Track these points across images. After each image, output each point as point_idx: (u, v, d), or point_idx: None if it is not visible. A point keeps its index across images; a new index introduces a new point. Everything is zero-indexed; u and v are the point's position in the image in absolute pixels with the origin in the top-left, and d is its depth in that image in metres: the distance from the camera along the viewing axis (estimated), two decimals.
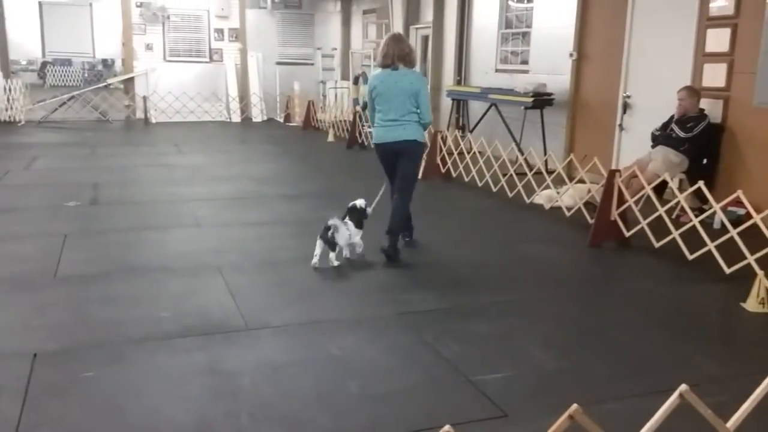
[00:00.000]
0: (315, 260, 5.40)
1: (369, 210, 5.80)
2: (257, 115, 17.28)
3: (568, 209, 7.01)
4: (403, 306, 4.60)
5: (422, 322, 4.31)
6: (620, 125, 8.83)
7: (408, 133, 5.65)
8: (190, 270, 5.31)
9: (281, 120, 17.21)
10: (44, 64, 15.82)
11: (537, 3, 10.62)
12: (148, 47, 16.63)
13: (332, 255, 5.40)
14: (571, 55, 9.68)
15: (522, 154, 9.10)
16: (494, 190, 8.22)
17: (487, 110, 10.91)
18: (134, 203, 7.69)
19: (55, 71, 15.90)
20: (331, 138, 13.40)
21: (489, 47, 11.85)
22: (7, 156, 10.75)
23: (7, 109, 15.32)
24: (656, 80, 8.25)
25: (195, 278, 5.12)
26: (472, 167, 8.75)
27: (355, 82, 15.94)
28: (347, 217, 5.62)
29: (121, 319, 4.30)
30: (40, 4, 15.73)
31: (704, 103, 7.23)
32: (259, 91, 17.27)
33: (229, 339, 4.03)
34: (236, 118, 17.09)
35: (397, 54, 5.55)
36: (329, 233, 5.35)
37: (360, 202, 5.76)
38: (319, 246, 5.38)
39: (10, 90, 15.29)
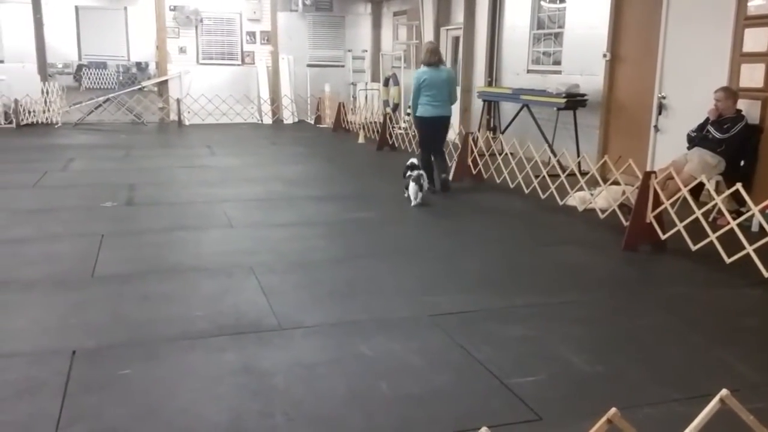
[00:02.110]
0: (417, 200, 7.67)
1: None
2: (288, 117, 17.40)
3: (602, 211, 6.93)
4: (434, 307, 4.59)
5: (453, 324, 4.30)
6: (655, 126, 8.71)
7: (447, 110, 8.34)
8: (223, 270, 5.37)
9: (312, 122, 17.30)
10: (80, 67, 16.14)
11: (569, 3, 10.52)
12: (182, 50, 16.86)
13: (420, 195, 7.65)
14: (604, 55, 9.57)
15: (555, 155, 9.02)
16: (526, 191, 8.16)
17: (519, 111, 10.84)
18: (169, 204, 7.80)
19: (91, 74, 16.20)
20: (361, 140, 13.44)
21: (521, 48, 11.77)
22: (44, 157, 10.98)
23: (44, 111, 15.66)
24: (692, 81, 8.12)
25: (228, 278, 5.17)
26: (503, 169, 8.69)
27: (386, 83, 15.96)
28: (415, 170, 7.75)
29: (157, 317, 4.36)
30: (76, 8, 16.06)
31: (741, 104, 7.09)
32: (290, 93, 17.39)
33: (262, 338, 4.07)
34: (267, 119, 17.23)
35: (438, 56, 8.28)
36: (420, 180, 7.67)
37: (415, 161, 8.05)
38: (413, 190, 7.64)
39: (47, 92, 15.62)
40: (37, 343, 3.95)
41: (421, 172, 7.76)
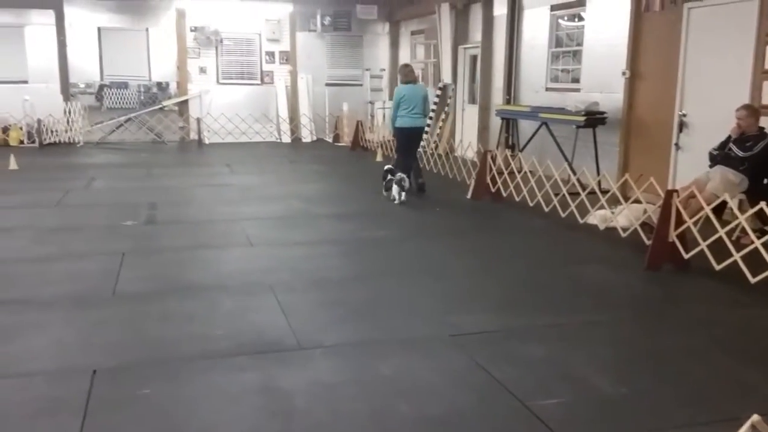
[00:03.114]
0: (402, 199, 8.86)
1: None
2: (306, 136, 17.50)
3: (624, 230, 6.86)
4: (454, 327, 4.56)
5: (474, 344, 4.26)
6: (676, 144, 8.64)
7: (422, 121, 9.63)
8: (243, 288, 5.38)
9: (330, 140, 17.39)
10: (101, 87, 16.37)
11: (588, 21, 10.51)
12: (202, 70, 17.05)
13: (404, 194, 8.86)
14: (624, 73, 9.54)
15: (575, 173, 8.96)
16: (546, 210, 8.11)
17: (538, 129, 10.81)
18: (189, 222, 7.85)
19: (112, 94, 16.43)
20: (379, 158, 13.46)
21: (539, 66, 11.77)
22: (67, 176, 11.12)
23: (66, 131, 15.88)
24: (713, 98, 8.05)
25: (248, 297, 5.18)
26: (522, 187, 8.66)
27: None
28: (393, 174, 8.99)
29: (178, 336, 4.37)
30: (99, 29, 16.33)
31: (764, 122, 7.01)
32: (309, 112, 17.50)
33: (282, 358, 4.06)
34: (286, 138, 17.34)
35: (413, 75, 9.68)
36: (402, 182, 8.80)
37: (391, 167, 9.28)
38: (397, 190, 8.83)
39: (69, 112, 15.86)
40: (59, 362, 3.97)
41: (402, 175, 8.93)
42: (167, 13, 16.50)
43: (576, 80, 10.88)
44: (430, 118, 14.05)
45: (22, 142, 15.58)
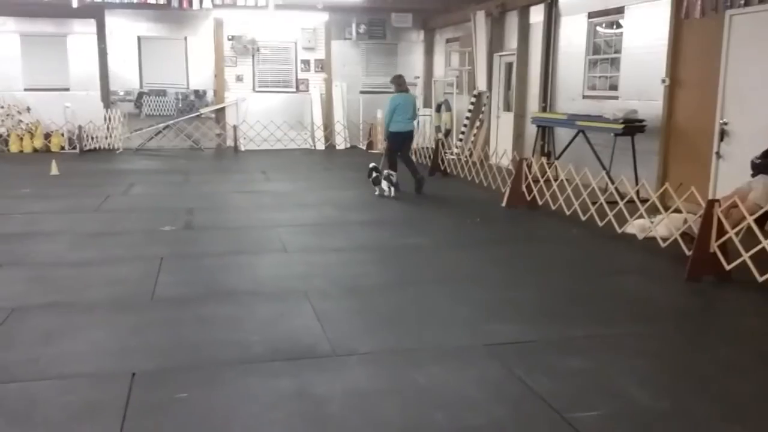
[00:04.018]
0: (391, 194, 9.90)
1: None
2: (340, 143, 17.58)
3: (663, 240, 6.73)
4: (490, 337, 4.52)
5: (510, 354, 4.21)
6: (717, 153, 8.46)
7: (413, 125, 10.77)
8: (278, 294, 5.41)
9: (364, 147, 17.44)
10: (140, 95, 16.68)
11: (626, 28, 10.38)
12: (239, 78, 17.27)
13: (393, 189, 9.88)
14: (663, 80, 9.39)
15: (612, 182, 8.83)
16: (583, 219, 8.00)
17: (575, 137, 10.69)
18: (225, 228, 7.94)
19: (151, 101, 16.73)
20: None
21: (576, 73, 11.65)
22: (106, 182, 11.35)
23: (106, 137, 16.22)
24: (755, 106, 7.87)
25: (283, 303, 5.21)
26: (559, 195, 8.56)
27: (438, 109, 15.99)
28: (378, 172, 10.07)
29: (214, 341, 4.41)
30: (138, 38, 16.65)
31: None
32: (343, 120, 17.59)
33: (317, 364, 4.06)
34: (320, 145, 17.45)
35: (405, 85, 10.85)
36: (390, 177, 9.94)
37: (374, 165, 10.33)
38: (386, 185, 9.89)
39: (109, 119, 16.19)
40: (98, 365, 4.03)
41: (391, 171, 10.07)
42: (205, 22, 16.76)
43: (614, 88, 10.74)
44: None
45: (63, 148, 15.95)
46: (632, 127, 9.52)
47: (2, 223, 8.07)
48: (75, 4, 12.67)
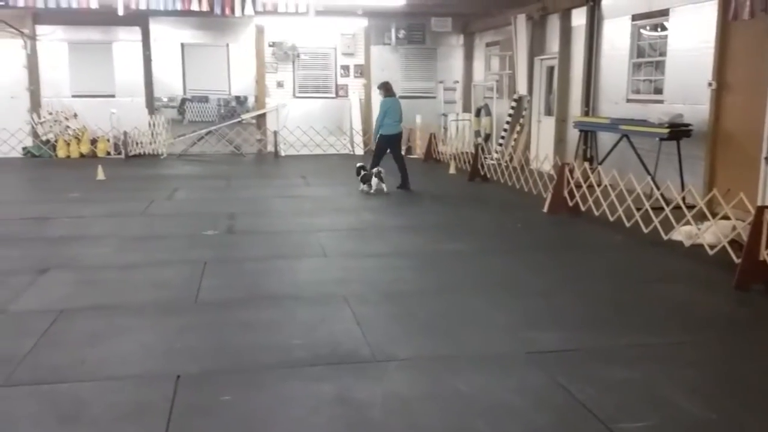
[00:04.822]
0: (382, 188, 10.70)
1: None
2: None
3: (711, 247, 6.57)
4: (532, 344, 4.46)
5: (553, 362, 4.15)
6: (766, 158, 8.22)
7: (400, 128, 11.38)
8: (318, 299, 5.44)
9: (403, 152, 17.42)
10: (183, 101, 16.98)
11: (672, 30, 10.18)
12: (279, 84, 17.45)
13: (384, 186, 10.71)
14: (710, 84, 9.17)
15: (658, 187, 8.65)
16: (627, 225, 7.85)
17: (618, 142, 10.51)
18: (266, 233, 8.01)
19: (193, 107, 17.01)
20: (452, 170, 13.40)
21: (619, 77, 11.46)
22: (151, 187, 11.57)
23: (150, 143, 16.54)
24: None
25: (323, 307, 5.23)
26: (602, 201, 8.42)
27: (477, 114, 15.91)
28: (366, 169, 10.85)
29: (257, 344, 4.46)
30: (182, 45, 16.96)
31: None
32: None
33: (357, 369, 4.07)
34: (359, 150, 17.50)
35: (393, 90, 11.42)
36: (380, 174, 10.72)
37: (362, 164, 11.14)
38: (376, 182, 10.66)
39: (153, 125, 16.52)
40: (144, 367, 4.11)
41: (380, 168, 10.84)
42: (247, 29, 16.98)
43: (658, 91, 10.54)
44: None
45: (108, 153, 16.32)
46: (678, 131, 9.31)
47: (51, 226, 8.30)
48: (121, 12, 12.97)
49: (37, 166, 14.81)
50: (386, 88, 11.39)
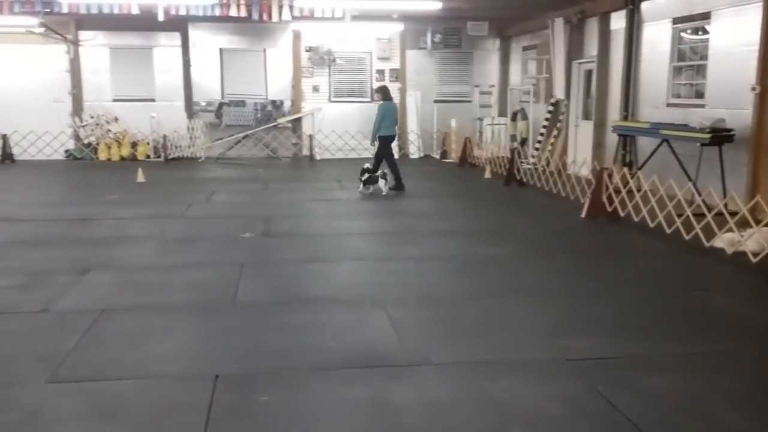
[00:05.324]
0: (386, 190, 11.02)
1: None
2: (414, 152, 17.61)
3: (755, 255, 6.41)
4: (570, 351, 4.41)
5: (592, 370, 4.09)
6: None
7: (395, 130, 11.97)
8: (354, 302, 5.45)
9: (437, 156, 17.42)
10: (221, 105, 17.20)
11: (713, 34, 9.98)
12: (315, 89, 17.57)
13: (387, 186, 11.07)
14: (753, 88, 8.96)
15: (699, 193, 8.48)
16: (668, 231, 7.71)
17: (658, 147, 10.34)
18: (302, 236, 8.07)
19: (231, 112, 17.21)
20: (488, 174, 13.33)
21: (659, 81, 11.27)
22: (190, 189, 11.74)
23: (189, 146, 16.80)
24: None
25: (359, 310, 5.24)
26: (642, 207, 8.28)
27: (513, 118, 15.80)
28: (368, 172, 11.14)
29: (293, 346, 4.49)
30: (221, 50, 17.20)
31: None
32: (417, 129, 17.62)
33: (392, 373, 4.07)
34: (394, 154, 17.51)
35: (390, 95, 11.96)
36: (386, 176, 11.09)
37: (368, 166, 11.29)
38: (382, 183, 10.98)
39: (192, 129, 16.77)
40: (183, 367, 4.16)
41: (386, 170, 11.27)
42: (284, 34, 17.15)
43: (700, 96, 10.34)
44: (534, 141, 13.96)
45: (148, 156, 16.62)
46: (720, 136, 9.12)
47: (93, 227, 8.48)
48: (161, 17, 13.19)
49: (78, 169, 15.16)
50: (384, 93, 11.87)
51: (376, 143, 11.77)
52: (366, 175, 11.15)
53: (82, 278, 6.06)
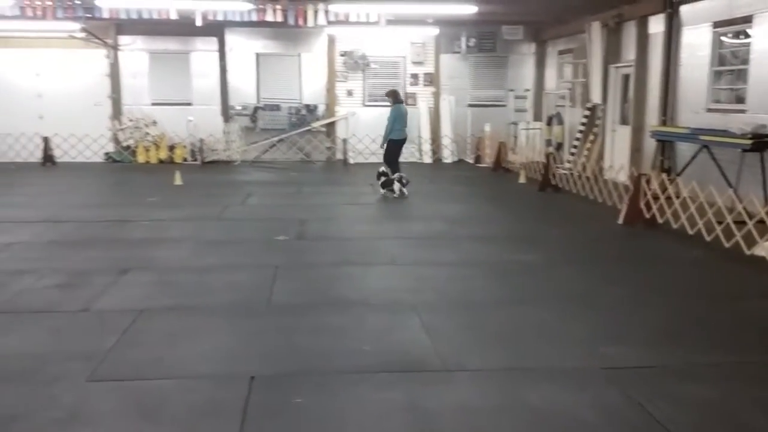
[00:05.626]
0: (405, 194, 11.12)
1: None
2: (447, 156, 17.56)
3: None
4: (606, 359, 4.35)
5: (629, 379, 4.03)
6: None
7: (406, 133, 12.05)
8: (387, 306, 5.46)
9: (471, 161, 17.34)
10: (256, 109, 17.37)
11: (755, 38, 9.77)
12: (349, 93, 17.65)
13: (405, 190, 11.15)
14: None
15: (740, 200, 8.30)
16: (708, 239, 7.56)
17: (698, 152, 10.15)
18: (336, 239, 8.11)
19: (266, 116, 17.38)
20: (522, 179, 13.22)
21: (699, 85, 11.07)
22: (225, 192, 11.89)
23: (225, 150, 17.01)
24: None
25: (392, 315, 5.25)
26: (681, 213, 8.13)
27: (549, 122, 15.66)
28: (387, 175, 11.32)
29: (328, 349, 4.51)
30: (257, 55, 17.40)
31: None
32: (450, 133, 17.58)
33: (426, 378, 4.06)
34: (427, 159, 17.50)
35: (400, 98, 12.28)
36: (402, 179, 11.15)
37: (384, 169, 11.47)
38: (398, 187, 11.09)
39: (228, 132, 16.97)
40: (220, 367, 4.22)
41: (402, 174, 11.35)
42: (319, 39, 17.27)
43: (741, 101, 10.12)
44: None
45: (185, 159, 16.86)
46: (761, 142, 8.90)
47: (132, 229, 8.63)
48: (199, 22, 13.41)
49: (117, 171, 15.46)
50: (394, 96, 12.09)
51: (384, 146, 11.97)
52: (383, 179, 11.34)
53: (121, 279, 6.18)
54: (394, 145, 11.85)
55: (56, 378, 4.02)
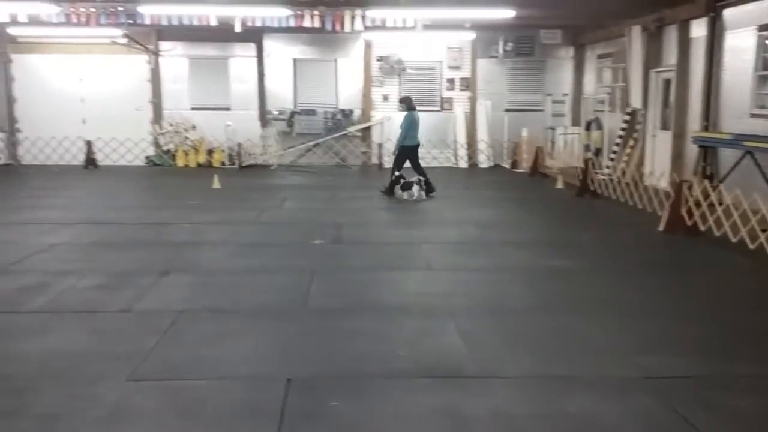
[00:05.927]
0: (422, 197, 11.46)
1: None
2: (483, 161, 17.47)
3: None
4: (646, 369, 4.27)
5: (670, 389, 3.96)
6: None
7: (419, 140, 12.11)
8: (423, 311, 5.45)
9: (508, 166, 17.22)
10: (292, 114, 17.53)
11: None
12: (385, 98, 17.69)
13: (422, 193, 11.47)
14: None
15: None
16: (751, 247, 7.38)
17: (741, 158, 9.92)
18: (372, 243, 8.13)
19: (302, 120, 17.52)
20: (560, 185, 13.08)
21: (742, 90, 10.82)
22: (262, 196, 12.02)
23: (262, 154, 17.19)
24: None
25: (428, 320, 5.24)
26: (724, 221, 7.96)
27: (587, 127, 15.47)
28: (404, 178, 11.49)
29: (363, 353, 4.52)
30: (294, 60, 17.56)
31: None
32: (487, 138, 17.49)
33: (462, 384, 4.05)
34: (463, 164, 17.44)
35: (413, 104, 12.09)
36: (420, 183, 11.45)
37: (400, 173, 11.56)
38: (416, 189, 11.37)
39: (265, 137, 17.15)
40: (257, 369, 4.26)
41: (421, 177, 11.59)
42: (356, 44, 17.35)
43: None
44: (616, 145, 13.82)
45: (223, 163, 17.09)
46: None
47: (172, 231, 8.77)
48: (238, 28, 13.59)
49: (158, 174, 15.74)
50: (407, 103, 12.09)
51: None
52: (401, 182, 11.51)
53: (162, 280, 6.29)
54: (407, 151, 11.91)
55: (98, 377, 4.11)
